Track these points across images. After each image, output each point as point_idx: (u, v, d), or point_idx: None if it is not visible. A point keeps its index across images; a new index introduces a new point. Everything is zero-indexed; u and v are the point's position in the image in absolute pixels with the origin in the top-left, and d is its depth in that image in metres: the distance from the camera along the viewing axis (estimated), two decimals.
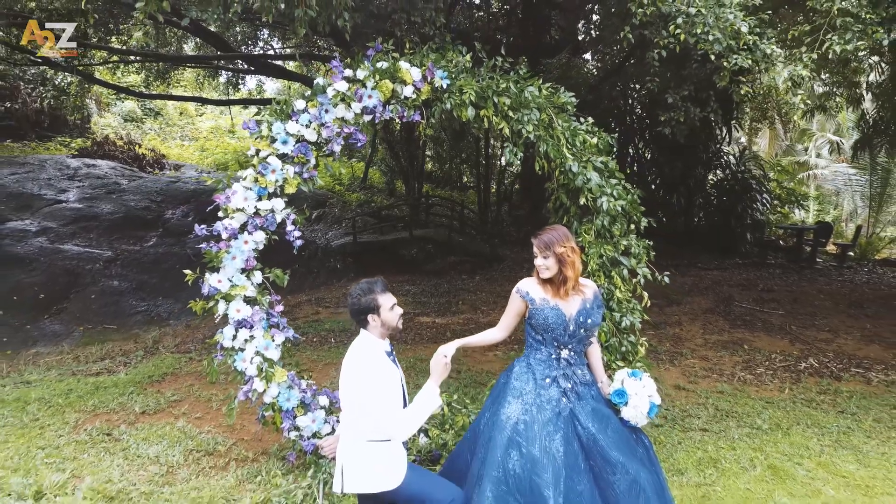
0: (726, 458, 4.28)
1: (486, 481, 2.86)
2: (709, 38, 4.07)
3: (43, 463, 4.15)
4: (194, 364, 6.26)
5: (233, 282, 3.75)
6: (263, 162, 3.75)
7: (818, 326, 7.65)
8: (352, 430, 3.04)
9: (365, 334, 3.11)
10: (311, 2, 3.53)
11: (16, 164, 11.76)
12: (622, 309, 4.04)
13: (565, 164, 3.92)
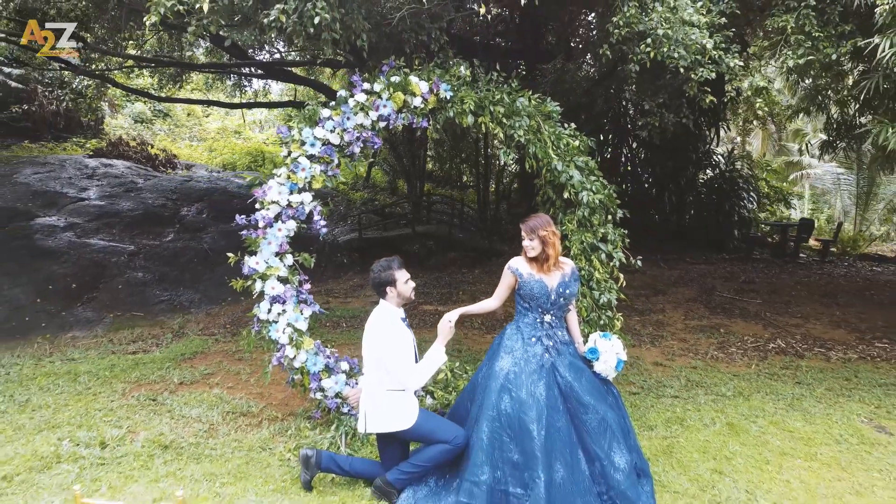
0: (691, 418, 5.00)
1: (483, 420, 3.58)
2: (675, 55, 4.78)
3: (102, 421, 4.86)
4: (220, 345, 6.96)
5: (268, 263, 4.45)
6: (295, 161, 4.45)
7: (791, 313, 8.36)
8: (373, 382, 3.75)
9: (384, 303, 3.82)
10: (336, 26, 4.24)
11: (37, 163, 12.46)
12: (600, 288, 4.75)
13: (551, 163, 4.63)
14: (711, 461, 4.29)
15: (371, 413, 3.75)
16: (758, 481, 4.02)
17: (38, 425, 4.76)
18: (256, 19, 4.40)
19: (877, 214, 17.70)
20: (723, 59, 5.26)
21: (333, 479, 4.02)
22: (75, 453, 4.31)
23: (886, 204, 17.77)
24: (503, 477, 3.48)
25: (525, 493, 3.42)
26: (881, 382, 5.85)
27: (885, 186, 17.75)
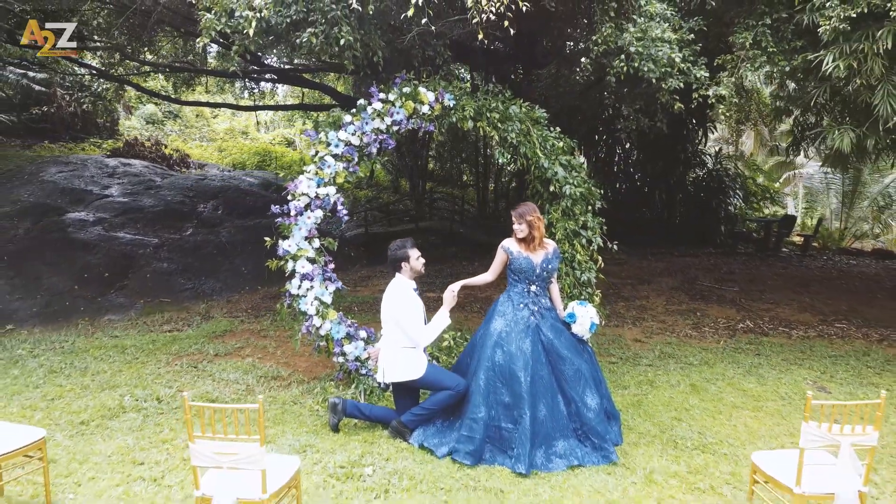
0: (660, 381, 5.86)
1: (481, 370, 4.43)
2: (645, 68, 5.63)
3: (153, 382, 5.72)
4: (245, 325, 7.82)
5: (299, 246, 5.30)
6: (321, 160, 5.30)
7: (764, 300, 9.21)
8: (390, 342, 4.61)
9: (399, 276, 4.68)
10: (357, 45, 5.08)
11: (60, 163, 13.31)
12: (581, 268, 5.61)
13: (539, 161, 5.49)
14: (673, 412, 5.15)
15: (389, 367, 4.61)
16: (710, 426, 4.88)
17: (100, 385, 5.62)
18: (289, 39, 5.25)
19: (861, 212, 18.53)
20: (690, 70, 6.12)
21: (356, 423, 4.88)
22: (137, 406, 5.18)
23: (871, 202, 18.61)
24: (496, 415, 4.34)
25: (514, 428, 4.28)
26: (831, 355, 6.71)
27: (870, 186, 18.58)
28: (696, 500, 3.86)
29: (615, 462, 4.29)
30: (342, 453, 4.39)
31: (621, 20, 5.72)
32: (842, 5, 5.69)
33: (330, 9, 4.79)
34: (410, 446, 4.52)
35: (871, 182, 18.45)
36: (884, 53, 5.64)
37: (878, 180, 18.48)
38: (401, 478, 4.07)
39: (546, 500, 3.83)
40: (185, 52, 14.10)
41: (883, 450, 4.49)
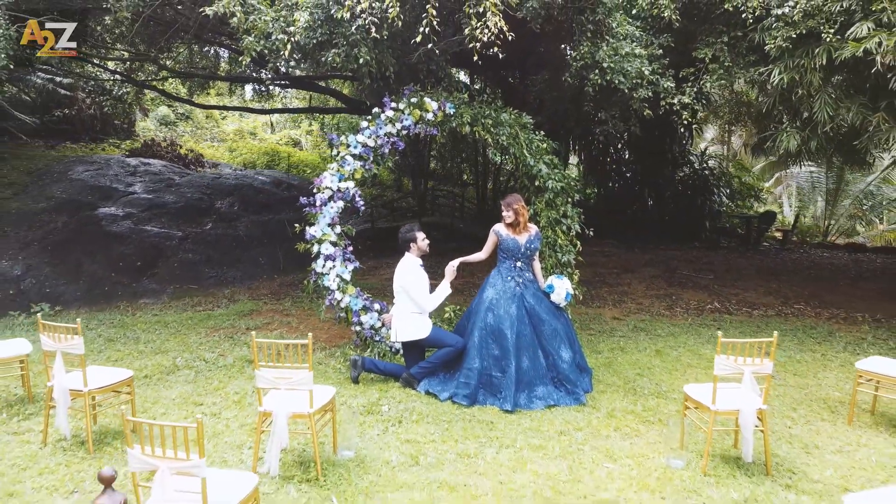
0: (630, 348, 6.94)
1: (475, 329, 5.51)
2: (616, 80, 6.70)
3: (198, 348, 6.80)
4: (269, 305, 8.90)
5: (323, 231, 6.37)
6: (343, 159, 6.38)
7: (735, 286, 10.28)
8: (401, 308, 5.69)
9: (408, 255, 5.75)
10: (373, 63, 6.15)
11: (85, 162, 14.40)
12: (562, 250, 6.68)
13: (526, 160, 6.57)
14: (637, 370, 6.23)
15: (400, 328, 5.69)
16: (665, 380, 5.95)
17: (153, 350, 6.71)
18: (315, 57, 6.33)
19: (844, 209, 19.62)
20: (658, 81, 7.20)
21: (372, 377, 5.96)
22: (188, 365, 6.26)
23: (853, 200, 19.69)
24: (488, 365, 5.42)
25: (502, 376, 5.36)
26: (782, 329, 7.79)
27: (852, 185, 19.68)
28: (645, 428, 4.94)
29: (584, 403, 5.38)
30: (363, 397, 5.47)
31: (597, 39, 6.79)
32: (785, 27, 6.76)
33: (351, 33, 5.86)
34: (418, 393, 5.60)
35: (853, 181, 19.55)
36: (820, 68, 6.71)
37: (860, 179, 19.58)
38: (411, 413, 5.15)
39: (527, 427, 4.91)
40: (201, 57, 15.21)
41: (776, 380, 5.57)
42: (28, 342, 5.54)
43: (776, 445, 4.68)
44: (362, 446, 4.61)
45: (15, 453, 4.43)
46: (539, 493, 4.00)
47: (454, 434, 4.82)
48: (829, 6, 6.55)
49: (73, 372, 4.57)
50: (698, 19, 7.60)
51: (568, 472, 4.26)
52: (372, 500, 3.90)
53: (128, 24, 12.18)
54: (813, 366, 6.48)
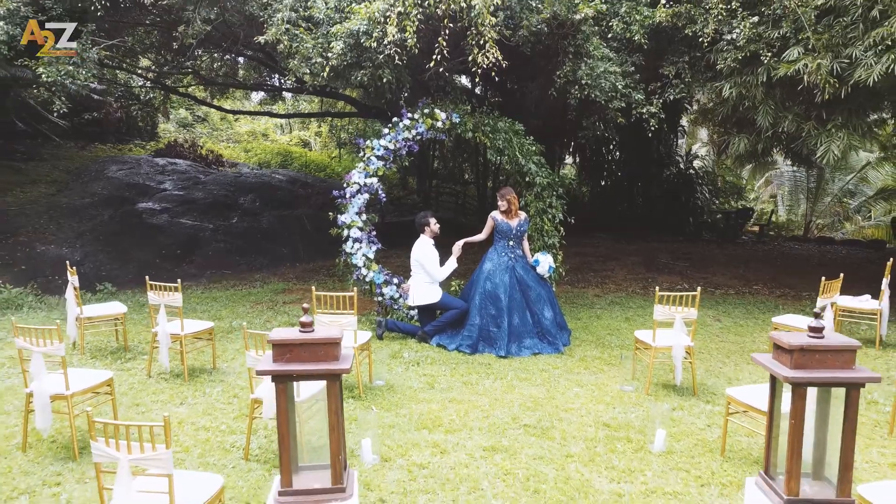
0: (604, 315, 8.51)
1: (476, 294, 7.08)
2: (592, 95, 8.26)
3: (246, 317, 8.36)
4: (298, 285, 10.46)
5: (352, 219, 7.93)
6: (368, 159, 7.94)
7: (707, 272, 11.84)
8: (417, 279, 7.26)
9: (423, 236, 7.32)
10: (393, 80, 7.71)
11: (118, 162, 15.99)
12: (549, 235, 8.25)
13: (518, 160, 8.13)
14: (607, 330, 7.81)
15: (417, 295, 7.25)
16: (629, 336, 7.51)
17: (211, 317, 8.27)
18: (346, 76, 7.89)
19: (825, 206, 21.20)
20: (630, 94, 8.76)
21: (393, 336, 7.52)
22: (240, 327, 7.82)
23: (833, 198, 21.26)
24: (486, 322, 6.98)
25: (497, 330, 6.92)
26: (736, 303, 9.36)
27: (831, 184, 21.25)
28: (608, 368, 6.51)
29: (561, 352, 6.95)
30: (387, 349, 7.04)
31: (577, 60, 8.35)
32: (733, 50, 8.32)
33: (376, 57, 7.43)
34: (431, 345, 7.17)
35: (832, 180, 21.12)
36: (762, 84, 8.27)
37: (840, 178, 21.16)
38: (426, 358, 6.73)
39: (516, 367, 6.49)
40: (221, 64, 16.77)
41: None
42: (123, 304, 7.12)
43: (706, 377, 6.26)
44: (390, 378, 6.18)
45: (129, 382, 6.00)
46: (523, 405, 5.57)
47: (460, 371, 6.39)
48: (768, 33, 8.11)
49: (172, 321, 6.14)
50: (664, 41, 9.15)
51: (545, 393, 5.83)
52: (400, 409, 5.46)
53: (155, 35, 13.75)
54: (753, 329, 8.05)
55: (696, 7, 8.57)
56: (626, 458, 4.56)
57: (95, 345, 7.14)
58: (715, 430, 5.03)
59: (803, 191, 21.64)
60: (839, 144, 8.00)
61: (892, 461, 4.63)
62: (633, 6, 8.79)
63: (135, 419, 5.21)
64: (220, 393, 5.79)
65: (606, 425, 5.14)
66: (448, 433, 4.96)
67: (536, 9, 7.91)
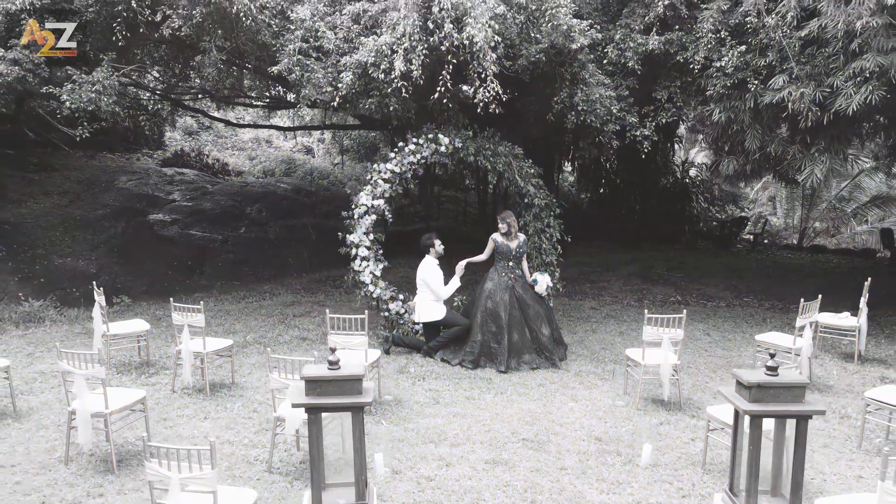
0: (599, 329, 8.99)
1: (478, 312, 7.56)
2: (588, 120, 8.73)
3: (258, 330, 8.84)
4: (306, 298, 10.94)
5: (360, 238, 8.40)
6: (375, 182, 8.41)
7: (700, 282, 12.33)
8: (422, 297, 7.74)
9: (428, 257, 7.79)
10: (400, 108, 8.18)
11: (127, 172, 16.47)
12: (546, 253, 8.72)
13: (517, 182, 8.61)
14: (602, 345, 8.29)
15: (422, 312, 7.74)
16: (623, 352, 7.98)
17: (226, 331, 8.75)
18: (355, 103, 8.37)
19: (819, 213, 21.69)
20: (625, 117, 9.23)
21: (400, 350, 8.00)
22: (256, 341, 8.31)
23: (828, 204, 21.75)
24: (487, 339, 7.46)
25: (498, 346, 7.40)
26: (726, 316, 9.85)
27: (827, 191, 21.75)
28: (602, 383, 6.99)
29: (558, 367, 7.44)
30: (394, 364, 7.53)
31: (574, 86, 8.82)
32: (722, 76, 8.78)
33: (384, 87, 7.90)
34: (435, 360, 7.66)
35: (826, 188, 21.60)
36: (749, 109, 8.74)
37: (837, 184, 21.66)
38: (431, 373, 7.21)
39: (515, 382, 6.97)
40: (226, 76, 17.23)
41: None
42: (145, 322, 7.60)
43: (693, 392, 6.74)
44: (398, 393, 6.66)
45: (156, 397, 6.48)
46: (522, 419, 6.05)
47: (463, 386, 6.87)
48: (755, 61, 8.59)
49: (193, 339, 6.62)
50: (657, 67, 9.61)
51: (542, 408, 6.32)
52: (408, 423, 5.95)
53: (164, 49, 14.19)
54: (740, 343, 8.53)
55: (687, 35, 9.05)
56: (615, 471, 5.04)
57: (119, 360, 7.61)
58: (698, 444, 5.50)
59: (798, 197, 22.13)
60: (822, 168, 8.49)
61: (857, 473, 5.11)
62: (627, 33, 9.27)
63: (163, 433, 5.70)
64: (241, 408, 6.27)
65: (598, 439, 5.62)
66: (453, 447, 5.44)
67: (535, 39, 8.38)
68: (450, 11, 7.29)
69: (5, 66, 8.33)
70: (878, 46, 7.18)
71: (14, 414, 6.04)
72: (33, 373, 7.14)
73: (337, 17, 8.52)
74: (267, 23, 8.42)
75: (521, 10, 7.94)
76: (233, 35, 8.56)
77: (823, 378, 7.23)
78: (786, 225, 22.53)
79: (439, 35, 7.40)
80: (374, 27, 8.34)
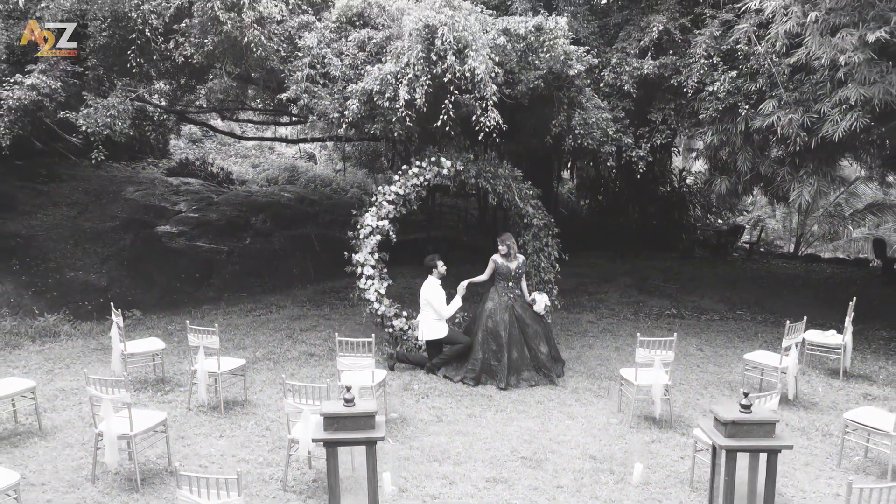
0: (596, 344, 9.35)
1: (479, 331, 7.92)
2: (585, 143, 9.09)
3: (268, 345, 9.20)
4: (312, 311, 11.29)
5: (365, 257, 8.75)
6: (380, 203, 8.76)
7: (694, 294, 12.67)
8: (425, 316, 8.09)
9: (430, 277, 8.15)
10: (403, 132, 8.53)
11: (134, 182, 16.84)
12: (545, 271, 9.08)
13: (517, 203, 8.97)
14: (598, 361, 8.65)
15: (425, 330, 8.10)
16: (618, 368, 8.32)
17: (235, 346, 9.11)
18: (361, 127, 8.72)
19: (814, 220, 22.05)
20: (621, 138, 9.58)
21: (404, 367, 8.36)
22: (265, 357, 8.67)
23: (824, 210, 22.11)
24: (488, 357, 7.83)
25: (498, 364, 7.77)
26: (718, 330, 10.21)
27: (823, 199, 22.09)
28: (597, 400, 7.36)
29: (556, 384, 7.80)
30: (399, 380, 7.89)
31: (571, 110, 9.18)
32: (715, 101, 9.13)
33: (389, 114, 8.25)
34: (438, 377, 8.02)
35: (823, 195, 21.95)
36: (740, 133, 9.09)
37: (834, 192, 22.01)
38: (434, 390, 7.58)
39: (515, 399, 7.34)
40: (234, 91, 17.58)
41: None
42: (160, 340, 7.96)
43: (684, 409, 7.11)
44: (403, 411, 7.02)
45: (173, 415, 6.83)
46: (521, 437, 6.41)
47: (465, 403, 7.24)
48: (746, 86, 8.95)
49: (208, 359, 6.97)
50: (651, 89, 9.96)
51: (540, 426, 6.68)
52: (413, 441, 6.31)
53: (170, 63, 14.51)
54: (731, 359, 8.89)
55: (680, 59, 9.41)
56: (608, 489, 5.41)
57: (135, 376, 7.97)
58: (687, 462, 5.86)
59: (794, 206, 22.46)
60: (810, 190, 8.85)
61: (836, 492, 5.47)
62: (623, 57, 9.63)
63: (182, 451, 6.06)
64: (255, 425, 6.63)
65: (593, 457, 5.99)
66: (456, 465, 5.81)
67: (534, 65, 8.73)
68: (452, 44, 7.64)
69: (23, 92, 8.69)
70: (860, 79, 7.53)
71: (40, 432, 6.40)
72: (54, 390, 7.50)
73: (343, 43, 8.88)
74: (276, 49, 8.76)
75: (520, 39, 8.28)
76: (242, 62, 8.90)
77: (809, 395, 7.59)
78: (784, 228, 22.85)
79: (442, 66, 7.75)
80: (379, 54, 8.70)
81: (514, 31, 8.18)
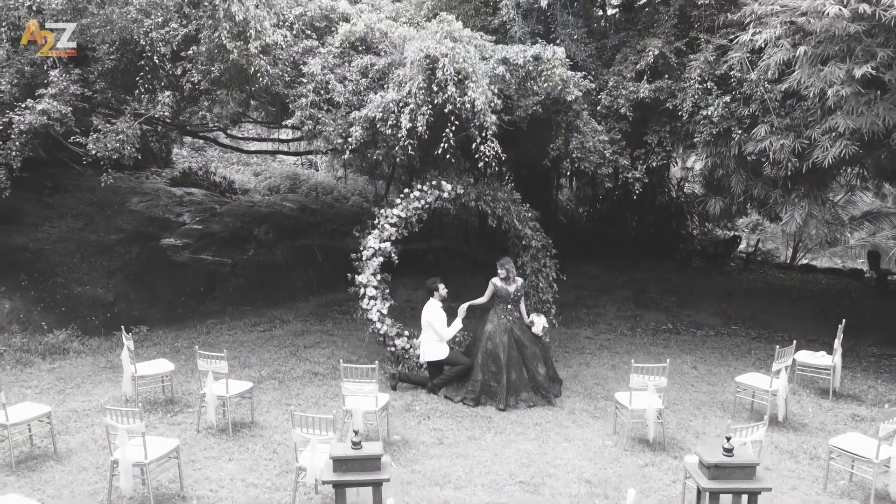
0: (593, 363, 9.61)
1: (479, 353, 8.18)
2: (583, 166, 9.33)
3: (273, 363, 9.45)
4: (315, 327, 11.55)
5: (368, 278, 9.00)
6: (382, 226, 9.00)
7: (690, 307, 12.92)
8: (426, 337, 8.35)
9: (432, 300, 8.40)
10: (405, 158, 8.78)
11: (139, 192, 17.07)
12: (543, 292, 9.34)
13: (516, 226, 9.22)
14: (595, 380, 8.91)
15: (426, 351, 8.35)
16: (614, 388, 8.59)
17: (241, 365, 9.36)
18: (363, 152, 8.97)
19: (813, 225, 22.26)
20: (617, 160, 9.83)
21: (405, 386, 8.61)
22: (271, 375, 8.93)
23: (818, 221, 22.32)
24: (488, 378, 8.08)
25: (497, 385, 8.02)
26: (713, 346, 10.48)
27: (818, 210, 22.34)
28: (594, 421, 7.62)
29: (554, 405, 8.06)
30: (401, 400, 8.15)
31: (569, 134, 9.42)
32: (709, 125, 9.38)
33: (391, 139, 8.49)
34: (439, 397, 8.28)
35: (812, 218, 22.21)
36: (733, 156, 9.33)
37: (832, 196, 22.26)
38: (435, 411, 7.83)
39: (513, 420, 7.60)
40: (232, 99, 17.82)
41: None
42: (169, 362, 8.22)
43: (677, 431, 7.37)
44: (405, 433, 7.28)
45: (182, 437, 7.09)
46: (519, 460, 6.67)
47: (465, 425, 7.50)
48: (739, 111, 9.19)
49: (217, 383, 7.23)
50: (647, 112, 10.21)
51: (538, 448, 6.94)
52: (415, 464, 6.56)
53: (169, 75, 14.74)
54: (724, 378, 9.14)
55: (675, 83, 9.65)
56: None
57: (145, 397, 8.22)
58: (678, 486, 6.12)
59: None
60: (801, 213, 9.11)
61: None
62: (620, 81, 9.87)
63: (193, 475, 6.32)
64: (262, 448, 6.89)
65: (588, 481, 6.25)
66: (456, 489, 6.07)
67: (532, 91, 8.97)
68: (452, 75, 7.88)
69: (34, 117, 8.94)
70: (848, 110, 7.77)
71: (55, 456, 6.66)
72: (67, 411, 7.76)
73: (346, 68, 9.12)
74: (280, 74, 9.00)
75: (518, 69, 8.52)
76: (248, 88, 9.15)
77: (798, 416, 7.85)
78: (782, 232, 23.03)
79: (443, 96, 7.99)
80: (382, 80, 8.95)
81: (512, 61, 8.42)
